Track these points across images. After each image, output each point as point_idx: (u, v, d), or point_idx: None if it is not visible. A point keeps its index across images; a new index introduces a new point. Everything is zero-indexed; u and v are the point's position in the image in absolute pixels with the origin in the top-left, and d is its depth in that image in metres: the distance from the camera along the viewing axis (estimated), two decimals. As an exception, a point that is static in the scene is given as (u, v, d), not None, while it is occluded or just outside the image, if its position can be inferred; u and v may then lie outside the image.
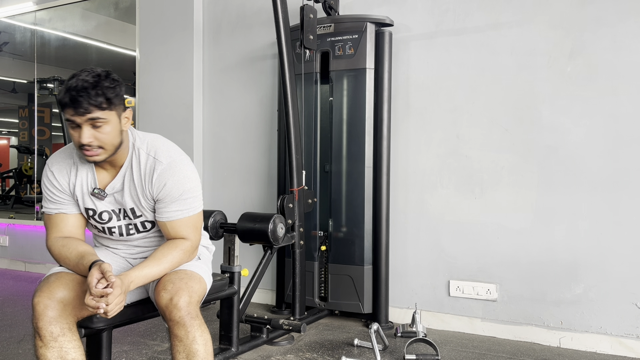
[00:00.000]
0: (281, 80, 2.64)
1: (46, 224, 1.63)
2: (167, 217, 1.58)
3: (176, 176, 1.57)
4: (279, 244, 2.43)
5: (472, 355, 2.43)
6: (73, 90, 1.40)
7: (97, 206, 1.60)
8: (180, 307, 1.44)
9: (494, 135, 2.74)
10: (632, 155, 2.46)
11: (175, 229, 1.60)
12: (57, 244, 1.57)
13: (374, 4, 3.03)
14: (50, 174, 1.60)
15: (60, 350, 1.40)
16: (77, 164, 1.60)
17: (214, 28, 3.57)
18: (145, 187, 1.57)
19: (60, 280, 1.47)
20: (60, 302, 1.43)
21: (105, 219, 1.62)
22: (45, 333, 1.39)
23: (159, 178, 1.55)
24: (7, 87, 5.22)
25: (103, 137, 1.45)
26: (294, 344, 2.54)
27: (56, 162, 1.62)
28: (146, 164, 1.57)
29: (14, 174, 5.60)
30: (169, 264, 1.54)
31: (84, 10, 4.45)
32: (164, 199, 1.57)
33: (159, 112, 3.68)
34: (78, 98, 1.39)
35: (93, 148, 1.45)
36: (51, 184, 1.60)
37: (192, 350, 1.44)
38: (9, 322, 2.91)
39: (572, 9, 2.58)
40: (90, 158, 1.48)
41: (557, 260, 2.59)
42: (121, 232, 1.65)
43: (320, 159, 2.98)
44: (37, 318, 1.40)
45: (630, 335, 2.46)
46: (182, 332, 1.44)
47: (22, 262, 4.54)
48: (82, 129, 1.43)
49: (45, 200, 1.62)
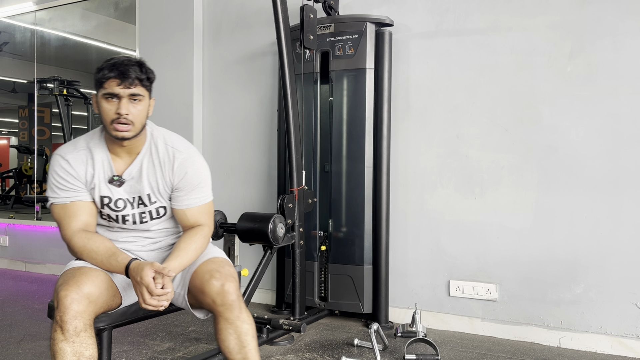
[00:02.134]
0: (281, 80, 2.64)
1: (60, 214, 1.60)
2: (187, 204, 1.68)
3: (195, 165, 1.68)
4: (279, 244, 2.43)
5: (472, 355, 2.43)
6: (120, 65, 1.52)
7: (112, 194, 1.64)
8: (232, 292, 1.55)
9: (494, 135, 2.74)
10: (632, 155, 2.46)
11: (195, 216, 1.69)
12: (81, 237, 1.57)
13: (374, 4, 3.03)
14: (65, 163, 1.60)
15: (80, 345, 1.40)
16: (92, 153, 1.62)
17: (214, 28, 3.57)
18: (165, 173, 1.65)
19: (87, 276, 1.48)
20: (87, 298, 1.43)
21: (120, 206, 1.65)
22: (69, 327, 1.39)
23: (180, 167, 1.65)
24: (7, 87, 5.22)
25: (136, 113, 1.55)
26: (294, 344, 2.54)
27: (69, 151, 1.62)
28: (165, 152, 1.66)
29: (14, 174, 5.59)
30: (196, 252, 1.64)
31: (84, 10, 4.45)
32: (185, 187, 1.67)
33: (159, 111, 3.65)
34: (126, 71, 1.51)
35: (127, 122, 1.54)
36: (66, 172, 1.59)
37: (243, 330, 1.57)
38: (9, 322, 2.91)
39: (572, 9, 2.58)
40: (120, 133, 1.55)
41: (557, 260, 2.59)
42: (134, 220, 1.68)
43: (320, 159, 2.98)
44: (63, 311, 1.39)
45: (630, 335, 2.46)
46: (233, 315, 1.56)
47: (22, 262, 4.54)
48: (121, 101, 1.53)
49: (55, 190, 1.60)
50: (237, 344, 1.57)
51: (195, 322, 2.89)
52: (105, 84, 1.53)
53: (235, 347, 1.57)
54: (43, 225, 4.46)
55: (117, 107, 1.53)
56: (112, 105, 1.53)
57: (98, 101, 1.56)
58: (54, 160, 1.62)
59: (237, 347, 1.58)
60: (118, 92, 1.52)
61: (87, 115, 4.74)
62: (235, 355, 1.58)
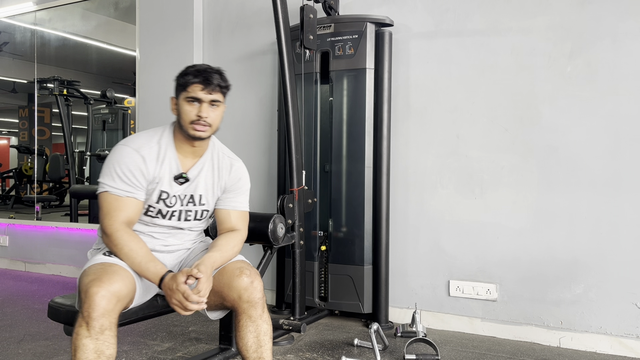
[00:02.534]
0: (281, 80, 2.64)
1: (111, 205, 1.62)
2: (234, 206, 1.82)
3: (245, 175, 1.88)
4: (278, 244, 2.42)
5: (472, 355, 2.43)
6: (204, 72, 1.66)
7: (172, 190, 1.71)
8: (259, 290, 1.64)
9: (493, 135, 2.74)
10: (632, 155, 2.46)
11: (237, 218, 1.82)
12: (126, 233, 1.60)
13: (374, 4, 3.03)
14: (139, 158, 1.64)
15: (102, 343, 1.41)
16: (165, 149, 1.70)
17: (214, 28, 3.57)
18: (222, 177, 1.79)
19: (119, 274, 1.50)
20: (116, 296, 1.44)
21: (173, 202, 1.73)
22: (95, 324, 1.40)
23: (236, 172, 1.82)
24: (7, 87, 5.22)
25: (214, 116, 1.68)
26: (294, 344, 2.54)
27: (143, 146, 1.66)
28: (223, 159, 1.81)
29: (14, 174, 5.60)
30: (233, 251, 1.74)
31: (84, 10, 4.45)
32: (235, 190, 1.82)
33: (159, 112, 3.67)
34: (210, 78, 1.65)
35: (206, 124, 1.65)
36: (137, 168, 1.63)
37: (262, 329, 1.64)
38: (9, 322, 2.91)
39: (572, 9, 2.58)
40: (198, 132, 1.66)
41: (557, 260, 2.59)
42: (180, 216, 1.76)
43: (320, 159, 2.98)
44: (92, 308, 1.40)
45: (630, 335, 2.46)
46: (256, 313, 1.63)
47: (22, 262, 4.54)
48: (202, 105, 1.65)
49: (115, 179, 1.62)
50: (255, 342, 1.63)
51: (195, 322, 2.89)
52: (189, 87, 1.64)
53: (253, 345, 1.63)
54: (43, 225, 4.46)
55: (198, 110, 1.65)
56: (193, 108, 1.65)
57: (179, 103, 1.68)
58: (124, 150, 1.64)
59: (254, 346, 1.63)
60: (201, 97, 1.65)
61: (87, 115, 4.74)
62: (252, 354, 1.63)
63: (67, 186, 4.91)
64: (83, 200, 4.47)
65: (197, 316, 2.98)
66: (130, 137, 1.71)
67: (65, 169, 4.82)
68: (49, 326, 2.80)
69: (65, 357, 2.35)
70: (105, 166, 1.65)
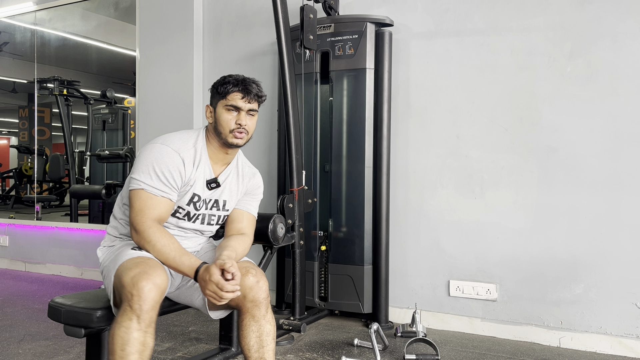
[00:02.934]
0: (281, 80, 2.64)
1: (145, 202, 1.62)
2: (248, 208, 1.88)
3: (262, 184, 1.95)
4: (278, 244, 2.42)
5: (472, 355, 2.43)
6: (244, 82, 1.71)
7: (203, 193, 1.75)
8: (264, 290, 1.67)
9: (493, 135, 2.74)
10: (632, 155, 2.46)
11: (247, 220, 1.88)
12: (158, 229, 1.61)
13: (374, 4, 3.03)
14: (180, 161, 1.66)
15: (150, 335, 1.43)
16: (200, 154, 1.72)
17: (214, 28, 3.57)
18: (244, 183, 1.86)
19: (160, 267, 1.51)
20: (161, 289, 1.46)
21: (201, 206, 1.76)
22: (146, 317, 1.41)
23: (256, 181, 1.91)
24: (7, 87, 5.22)
25: (251, 125, 1.74)
26: (294, 344, 2.54)
27: (183, 149, 1.69)
28: (245, 168, 1.89)
29: (14, 174, 5.60)
30: (243, 253, 1.78)
31: (84, 10, 4.45)
32: (253, 195, 1.91)
33: (159, 112, 3.68)
34: (249, 87, 1.71)
35: (244, 131, 1.71)
36: (176, 169, 1.65)
37: (265, 330, 1.66)
38: (9, 322, 2.91)
39: (572, 9, 2.58)
40: (236, 140, 1.71)
41: (557, 260, 2.59)
42: (203, 220, 1.80)
43: (320, 159, 2.98)
44: (144, 300, 1.41)
45: (630, 335, 2.46)
46: (260, 313, 1.66)
47: (22, 262, 4.54)
48: (240, 113, 1.71)
49: (153, 178, 1.62)
50: (257, 342, 1.66)
51: (195, 322, 2.89)
52: (229, 96, 1.70)
53: (255, 345, 1.65)
54: (43, 225, 4.46)
55: (237, 118, 1.70)
56: (232, 116, 1.70)
57: (217, 111, 1.72)
58: (164, 150, 1.65)
59: (256, 346, 1.65)
60: (241, 106, 1.70)
61: (87, 115, 4.74)
62: (253, 354, 1.65)
63: (67, 186, 4.91)
64: (83, 200, 4.48)
65: (197, 316, 2.98)
66: (167, 137, 1.71)
67: (65, 169, 4.82)
68: (49, 326, 2.80)
69: (65, 357, 2.35)
70: (140, 163, 1.64)
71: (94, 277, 4.10)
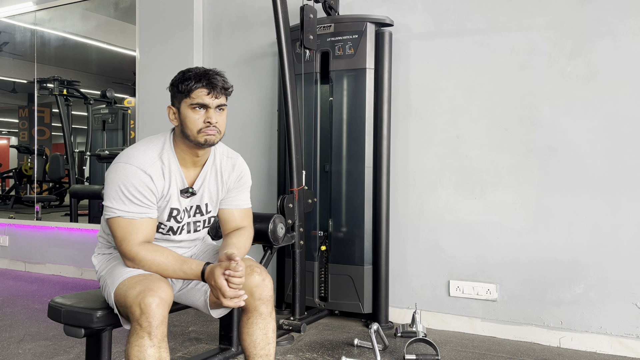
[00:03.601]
0: (281, 80, 2.64)
1: (126, 229, 1.54)
2: (236, 205, 1.79)
3: (246, 170, 1.82)
4: (279, 244, 2.42)
5: (472, 355, 2.43)
6: (206, 75, 1.57)
7: (181, 205, 1.66)
8: (270, 288, 1.66)
9: (493, 135, 2.74)
10: (632, 155, 2.46)
11: (241, 217, 1.80)
12: (147, 250, 1.55)
13: (374, 4, 3.03)
14: (147, 177, 1.55)
15: (164, 350, 1.43)
16: (168, 165, 1.61)
17: (214, 28, 3.57)
18: (225, 181, 1.74)
19: (163, 281, 1.50)
20: (167, 303, 1.45)
21: (182, 217, 1.68)
22: (157, 333, 1.40)
23: (237, 169, 1.77)
24: (7, 87, 5.22)
25: (221, 121, 1.61)
26: (294, 344, 2.54)
27: (148, 164, 1.56)
28: (224, 161, 1.75)
29: (14, 174, 5.59)
30: (245, 249, 1.73)
31: (84, 10, 4.45)
32: (237, 188, 1.78)
33: (159, 112, 3.67)
34: (214, 81, 1.57)
35: (214, 129, 1.58)
36: (145, 188, 1.54)
37: (271, 327, 1.68)
38: (9, 322, 2.91)
39: (572, 9, 2.58)
40: (209, 137, 1.58)
41: (557, 260, 2.59)
42: (189, 229, 1.73)
43: (320, 159, 2.98)
44: (153, 317, 1.39)
45: (630, 335, 2.46)
46: (267, 311, 1.67)
47: (22, 262, 4.54)
48: (208, 110, 1.57)
49: (126, 203, 1.53)
50: (264, 339, 1.67)
51: (195, 322, 2.89)
52: (192, 93, 1.56)
53: (262, 342, 1.66)
54: (43, 225, 4.46)
55: (206, 116, 1.57)
56: (199, 115, 1.57)
57: (181, 111, 1.59)
58: (129, 170, 1.53)
59: (262, 343, 1.66)
60: (208, 103, 1.57)
61: (87, 115, 4.74)
62: (259, 351, 1.66)
63: (67, 186, 4.91)
64: (83, 200, 4.48)
65: (197, 316, 2.98)
66: (129, 152, 1.58)
67: (65, 169, 4.82)
68: (49, 326, 2.80)
69: (65, 357, 2.35)
70: (109, 188, 1.54)
71: (94, 277, 4.10)
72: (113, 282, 1.54)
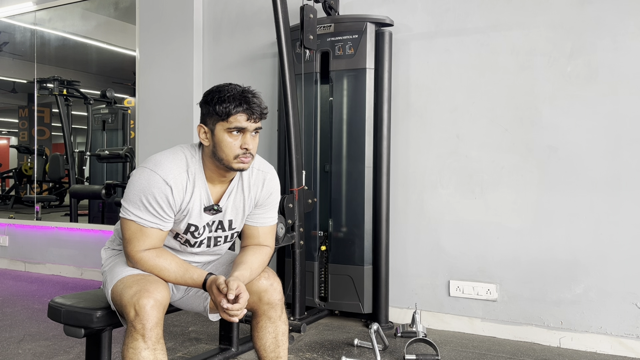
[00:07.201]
0: (281, 80, 2.64)
1: (134, 233, 1.53)
2: (263, 222, 1.72)
3: (277, 187, 1.73)
4: (278, 244, 2.42)
5: (472, 355, 2.43)
6: (244, 98, 1.49)
7: (201, 221, 1.60)
8: (278, 292, 1.66)
9: (494, 135, 2.74)
10: (632, 155, 2.46)
11: (265, 234, 1.73)
12: (150, 255, 1.54)
13: (374, 4, 3.03)
14: (168, 190, 1.50)
15: (160, 352, 1.41)
16: (193, 180, 1.55)
17: (214, 28, 3.57)
18: (252, 196, 1.66)
19: (160, 282, 1.49)
20: (162, 305, 1.44)
21: (201, 232, 1.63)
22: (151, 335, 1.39)
23: (267, 186, 1.69)
24: (7, 87, 5.22)
25: (255, 145, 1.56)
26: (294, 344, 2.54)
27: (172, 176, 1.51)
28: (253, 175, 1.67)
29: (14, 174, 5.60)
30: (259, 269, 1.65)
31: (84, 10, 4.45)
32: (266, 205, 1.71)
33: (159, 112, 3.68)
34: (253, 105, 1.50)
35: (249, 156, 1.53)
36: (165, 200, 1.51)
37: (281, 330, 1.68)
38: (9, 322, 2.91)
39: (572, 9, 2.58)
40: (244, 165, 1.54)
41: (557, 260, 2.59)
42: (209, 243, 1.69)
43: (320, 159, 2.98)
44: (147, 319, 1.39)
45: (630, 335, 2.46)
46: (276, 314, 1.66)
47: (22, 262, 4.54)
48: (245, 135, 1.51)
49: (142, 210, 1.51)
50: (274, 342, 1.67)
51: (195, 322, 2.89)
52: (231, 117, 1.48)
53: (272, 345, 1.67)
54: (43, 225, 4.46)
55: (242, 141, 1.51)
56: (236, 140, 1.51)
57: (217, 134, 1.51)
58: (153, 179, 1.49)
59: (272, 346, 1.67)
60: (246, 126, 1.50)
61: (87, 115, 4.74)
62: (270, 354, 1.67)
63: (67, 186, 4.91)
64: (83, 200, 4.48)
65: (197, 316, 2.98)
66: (157, 159, 1.54)
67: (65, 169, 4.83)
68: (49, 326, 2.80)
69: (65, 357, 2.35)
70: (130, 190, 1.52)
71: (94, 277, 4.10)
72: (112, 279, 1.55)
